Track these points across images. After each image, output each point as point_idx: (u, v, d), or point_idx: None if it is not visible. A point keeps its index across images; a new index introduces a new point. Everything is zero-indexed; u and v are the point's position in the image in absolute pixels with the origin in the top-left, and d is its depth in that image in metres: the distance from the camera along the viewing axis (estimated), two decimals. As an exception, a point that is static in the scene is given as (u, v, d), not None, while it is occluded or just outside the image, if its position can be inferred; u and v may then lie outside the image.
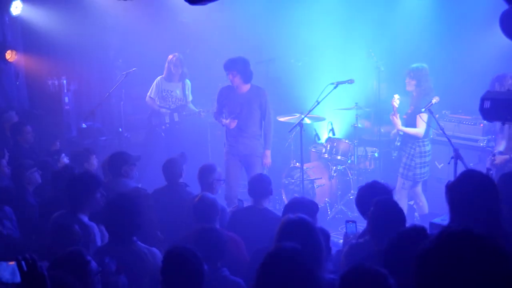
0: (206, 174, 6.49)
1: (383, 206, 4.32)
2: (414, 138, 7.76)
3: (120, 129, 9.55)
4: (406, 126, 7.77)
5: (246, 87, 8.03)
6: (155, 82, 9.52)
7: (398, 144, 7.94)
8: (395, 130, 8.11)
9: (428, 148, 7.88)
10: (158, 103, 9.50)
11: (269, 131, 8.12)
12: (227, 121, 7.99)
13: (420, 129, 7.67)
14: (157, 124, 9.55)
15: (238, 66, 7.92)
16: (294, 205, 5.02)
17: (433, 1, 9.24)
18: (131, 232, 4.72)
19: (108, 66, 10.83)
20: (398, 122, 7.71)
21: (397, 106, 7.67)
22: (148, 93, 9.55)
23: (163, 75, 9.52)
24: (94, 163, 7.36)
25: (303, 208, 4.77)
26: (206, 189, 6.36)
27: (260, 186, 6.11)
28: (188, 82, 9.64)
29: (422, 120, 7.59)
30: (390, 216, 4.25)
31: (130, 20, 10.55)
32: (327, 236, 4.50)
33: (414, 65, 7.81)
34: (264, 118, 8.07)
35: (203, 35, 10.82)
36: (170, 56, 9.49)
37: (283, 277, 3.18)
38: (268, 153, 8.13)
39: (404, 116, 7.80)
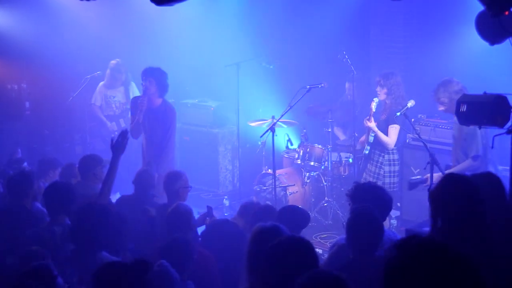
0: (171, 181, 6.41)
1: (359, 215, 4.34)
2: (383, 146, 7.82)
3: (84, 135, 9.49)
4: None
5: (158, 101, 7.88)
6: (97, 89, 9.55)
7: (367, 152, 7.97)
8: (363, 138, 8.16)
9: (396, 156, 7.94)
10: (103, 110, 9.53)
11: (166, 153, 7.83)
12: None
13: (391, 139, 7.74)
14: (107, 134, 9.51)
15: (156, 75, 7.79)
16: (287, 214, 5.07)
17: (407, 3, 9.32)
18: (96, 246, 4.69)
19: (71, 70, 10.73)
20: (373, 124, 7.73)
21: (374, 110, 7.72)
22: (92, 101, 9.54)
23: (104, 82, 9.54)
24: (57, 176, 7.30)
25: (296, 218, 4.83)
26: (173, 198, 6.31)
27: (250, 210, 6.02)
28: (133, 84, 9.66)
29: (394, 133, 7.68)
30: (367, 226, 4.27)
31: (94, 22, 10.47)
32: None
33: (383, 72, 7.86)
34: (163, 139, 7.83)
35: (170, 37, 10.79)
36: (113, 62, 9.50)
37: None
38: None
39: (376, 123, 7.84)
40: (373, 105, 7.71)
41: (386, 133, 7.77)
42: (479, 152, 6.83)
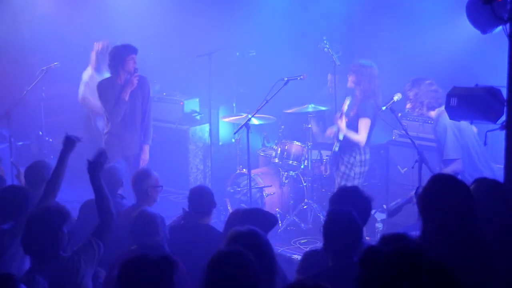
0: (139, 181, 6.44)
1: (336, 217, 4.34)
2: (354, 145, 7.86)
3: (41, 133, 9.42)
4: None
5: (123, 76, 8.16)
6: (84, 77, 9.39)
7: (336, 149, 8.02)
8: (332, 131, 8.21)
9: (368, 156, 7.99)
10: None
11: (150, 125, 8.36)
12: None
13: (362, 136, 7.77)
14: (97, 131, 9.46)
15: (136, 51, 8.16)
16: (250, 217, 5.07)
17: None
18: (57, 250, 4.75)
19: (25, 60, 10.65)
20: (343, 125, 7.77)
21: (345, 110, 7.77)
22: (81, 93, 9.39)
23: (92, 67, 9.42)
24: None
25: (260, 221, 4.83)
26: (142, 198, 6.36)
27: (201, 200, 6.05)
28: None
29: (365, 127, 7.74)
30: (345, 229, 4.27)
31: (50, 10, 10.41)
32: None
33: (359, 61, 7.92)
34: (146, 111, 8.28)
35: (134, 24, 10.75)
36: (99, 44, 9.41)
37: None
38: (147, 148, 8.33)
39: (346, 120, 7.86)
40: (345, 106, 7.77)
41: (357, 129, 7.82)
42: (451, 156, 6.90)
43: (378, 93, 7.76)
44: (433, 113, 7.14)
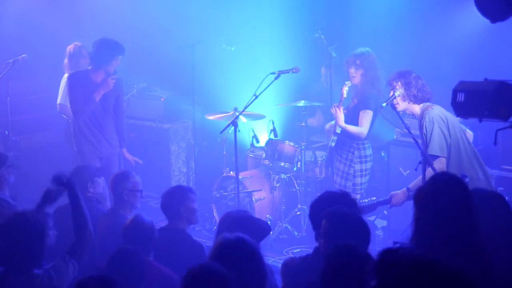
0: (116, 183, 6.43)
1: (338, 218, 4.29)
2: (352, 139, 7.87)
3: (7, 132, 9.38)
4: (346, 122, 7.88)
5: (101, 75, 8.17)
6: (62, 84, 9.33)
7: (333, 144, 8.03)
8: (330, 124, 8.20)
9: (369, 152, 8.02)
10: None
11: (124, 128, 8.55)
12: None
13: (364, 128, 7.80)
14: None
15: None
16: (236, 223, 5.05)
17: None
18: (29, 263, 4.73)
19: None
20: (341, 116, 7.77)
21: (345, 96, 7.77)
22: (58, 100, 9.31)
23: (68, 73, 9.38)
24: None
25: (250, 228, 4.83)
26: (118, 203, 6.35)
27: (171, 202, 6.00)
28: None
29: (366, 118, 7.76)
30: (350, 231, 4.19)
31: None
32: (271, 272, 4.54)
33: (358, 51, 7.93)
34: (119, 112, 8.43)
35: (111, 14, 10.72)
36: (70, 47, 9.34)
37: None
38: (125, 150, 8.51)
39: (345, 111, 7.85)
40: (345, 90, 7.76)
41: (357, 121, 7.83)
42: (435, 152, 6.88)
43: (382, 80, 7.77)
44: (417, 108, 7.07)
